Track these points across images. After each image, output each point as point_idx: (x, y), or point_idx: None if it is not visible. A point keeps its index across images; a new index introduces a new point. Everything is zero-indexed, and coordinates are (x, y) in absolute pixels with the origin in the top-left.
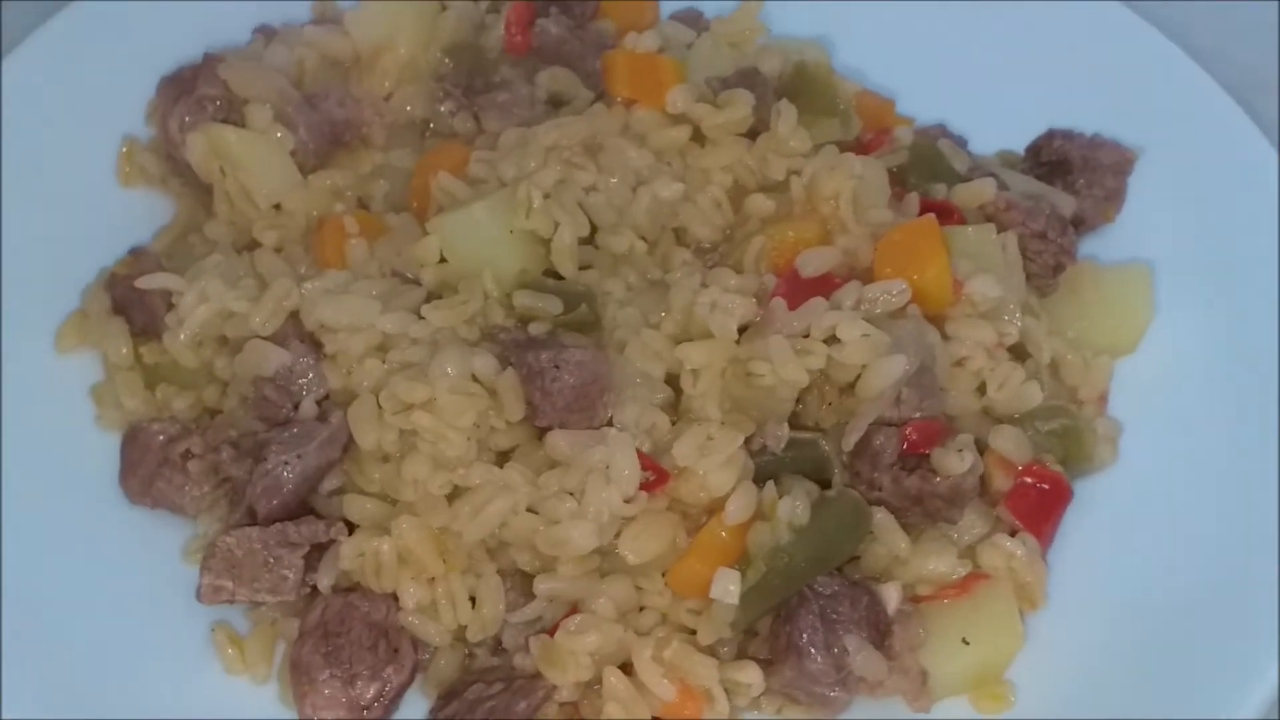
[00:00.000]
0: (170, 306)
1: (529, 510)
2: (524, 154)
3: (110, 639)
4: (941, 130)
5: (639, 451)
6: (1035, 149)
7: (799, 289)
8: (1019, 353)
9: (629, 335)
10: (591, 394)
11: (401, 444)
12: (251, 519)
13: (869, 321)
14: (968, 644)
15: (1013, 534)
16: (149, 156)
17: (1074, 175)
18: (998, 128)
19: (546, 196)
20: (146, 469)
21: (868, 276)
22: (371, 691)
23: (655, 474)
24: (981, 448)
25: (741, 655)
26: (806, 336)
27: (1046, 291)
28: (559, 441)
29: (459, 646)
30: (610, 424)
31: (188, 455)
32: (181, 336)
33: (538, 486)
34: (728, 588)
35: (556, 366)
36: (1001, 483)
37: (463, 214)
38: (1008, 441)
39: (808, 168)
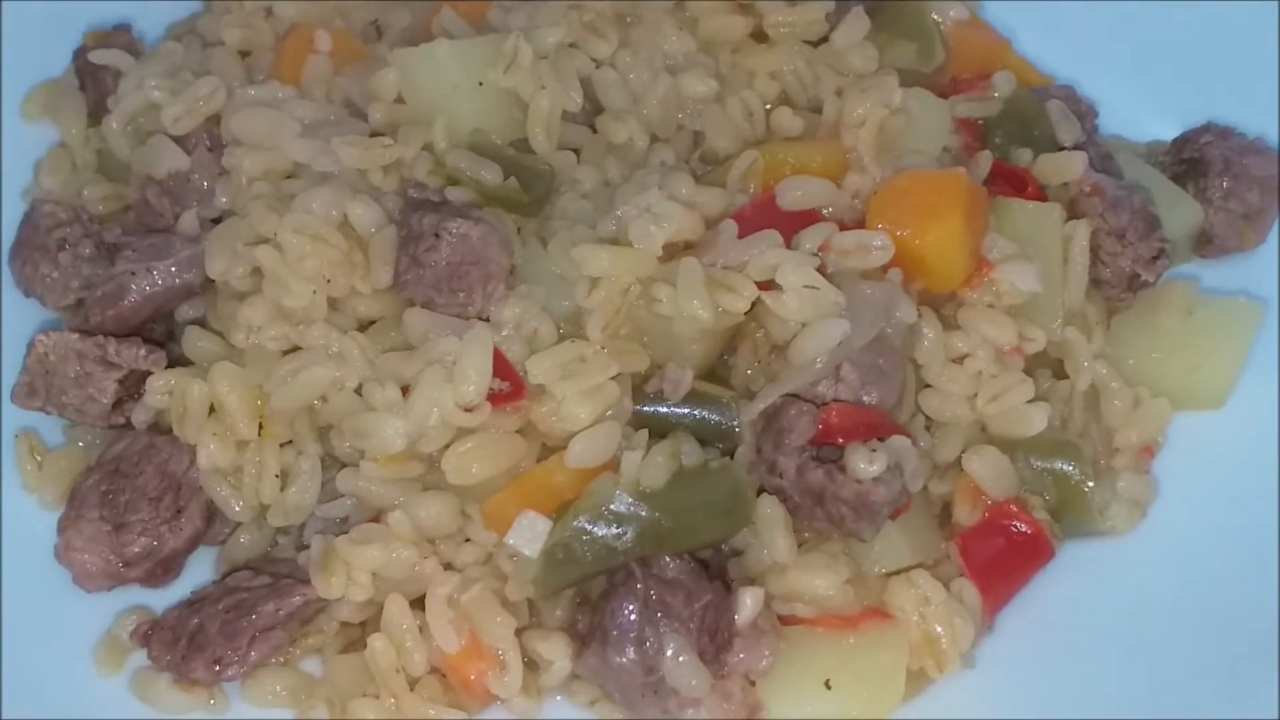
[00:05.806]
0: None
1: (357, 391)
2: (543, 8)
3: None
4: (1066, 92)
5: (501, 357)
6: (1181, 142)
7: (767, 219)
8: (1059, 371)
9: (560, 228)
10: (470, 276)
11: (251, 282)
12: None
13: (827, 275)
14: (829, 689)
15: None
16: None
17: (1208, 180)
18: (1167, 111)
19: (543, 58)
20: (28, 249)
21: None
22: (138, 547)
23: (513, 386)
24: None
25: (570, 628)
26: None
27: (1118, 306)
28: (416, 321)
29: (265, 527)
30: (488, 319)
31: (62, 245)
32: (114, 124)
33: (374, 366)
34: (527, 536)
35: (436, 235)
36: (966, 515)
37: (425, 51)
38: (985, 467)
39: (850, 89)
